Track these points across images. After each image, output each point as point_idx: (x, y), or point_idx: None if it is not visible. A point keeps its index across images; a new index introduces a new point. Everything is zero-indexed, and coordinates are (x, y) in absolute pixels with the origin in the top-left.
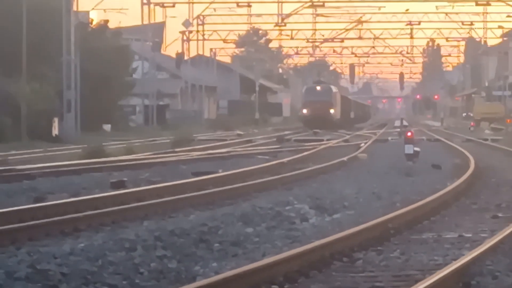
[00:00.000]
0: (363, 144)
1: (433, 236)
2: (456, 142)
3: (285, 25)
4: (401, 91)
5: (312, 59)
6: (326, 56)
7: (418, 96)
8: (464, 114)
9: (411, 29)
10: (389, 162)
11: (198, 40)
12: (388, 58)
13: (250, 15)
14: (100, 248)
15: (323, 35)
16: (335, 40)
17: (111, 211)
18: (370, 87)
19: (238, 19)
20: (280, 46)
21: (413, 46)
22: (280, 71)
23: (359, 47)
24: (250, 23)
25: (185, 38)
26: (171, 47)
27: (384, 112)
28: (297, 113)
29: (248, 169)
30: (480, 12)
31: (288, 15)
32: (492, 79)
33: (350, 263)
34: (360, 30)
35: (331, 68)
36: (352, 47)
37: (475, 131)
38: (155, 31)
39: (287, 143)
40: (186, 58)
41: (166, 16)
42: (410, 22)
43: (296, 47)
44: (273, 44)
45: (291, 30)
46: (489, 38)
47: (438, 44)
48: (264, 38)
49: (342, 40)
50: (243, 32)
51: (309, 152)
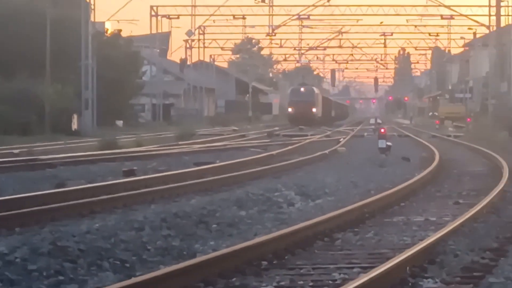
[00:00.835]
0: (342, 139)
1: (402, 219)
2: (423, 138)
3: (275, 35)
4: (375, 93)
5: (298, 64)
6: (311, 62)
7: (390, 98)
8: (430, 114)
9: (385, 39)
10: (365, 155)
11: (199, 47)
12: (364, 64)
13: (245, 26)
14: (113, 228)
15: (308, 44)
16: (319, 48)
17: (123, 196)
18: (349, 89)
19: (234, 30)
20: (271, 53)
21: (386, 54)
22: (270, 75)
23: (339, 54)
24: (245, 33)
25: (188, 46)
26: (176, 53)
27: (360, 111)
28: (285, 111)
29: (242, 160)
30: (445, 25)
31: (278, 26)
32: (455, 83)
33: (330, 242)
34: (340, 39)
35: (315, 72)
36: (333, 55)
37: (440, 129)
38: (162, 40)
39: (276, 137)
40: (188, 63)
41: (171, 27)
42: (384, 33)
43: (285, 54)
44: (264, 52)
45: (280, 39)
46: (452, 48)
47: (408, 53)
48: (256, 46)
49: (325, 48)
50: (239, 41)
51: (295, 145)
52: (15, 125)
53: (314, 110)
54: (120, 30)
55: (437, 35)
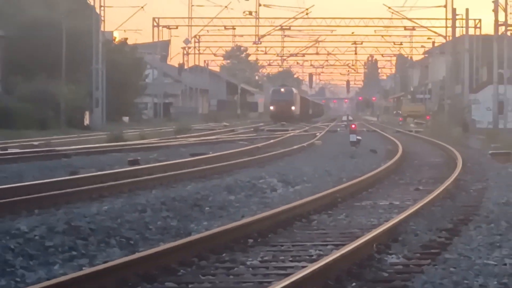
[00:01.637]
0: (318, 133)
1: (370, 203)
2: (389, 133)
3: (260, 43)
4: (347, 94)
5: (280, 69)
6: (291, 67)
7: (360, 98)
8: (394, 112)
9: (355, 47)
10: (338, 147)
11: (195, 53)
12: (338, 69)
13: (234, 35)
14: (119, 210)
15: (289, 51)
16: (298, 55)
17: (128, 182)
18: (324, 90)
19: (225, 38)
20: (257, 59)
21: (356, 60)
22: (256, 78)
23: (316, 60)
24: (234, 42)
25: (185, 52)
26: (175, 59)
27: (334, 110)
28: (268, 109)
29: (231, 151)
30: (408, 35)
31: (263, 36)
32: (416, 85)
33: (307, 223)
34: (317, 47)
35: (295, 76)
36: (311, 60)
37: (403, 125)
38: (162, 47)
39: (261, 132)
40: (185, 67)
41: (171, 36)
42: (355, 42)
43: (269, 60)
44: (251, 58)
45: (265, 47)
46: (414, 55)
47: (376, 59)
48: (244, 53)
49: (303, 55)
50: (229, 48)
51: (277, 139)
52: (34, 120)
53: (293, 108)
54: (126, 39)
55: (400, 44)
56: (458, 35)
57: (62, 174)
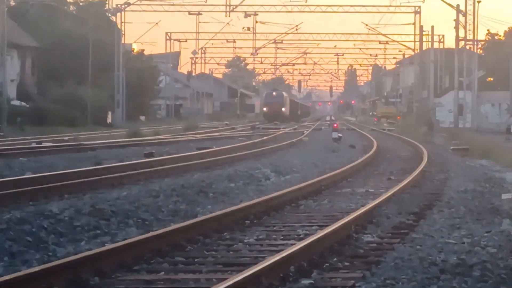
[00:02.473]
0: (305, 131)
1: (349, 190)
2: (365, 131)
3: (257, 54)
4: (330, 97)
5: (274, 76)
6: (283, 74)
7: (341, 101)
8: (370, 113)
9: (338, 58)
10: (322, 143)
11: (201, 63)
12: (322, 76)
13: (235, 48)
14: (136, 195)
15: (281, 61)
16: (289, 64)
17: (144, 172)
18: (311, 95)
19: (227, 50)
20: (254, 68)
21: (338, 69)
22: (253, 83)
23: (304, 69)
24: (235, 53)
25: (193, 62)
26: (184, 67)
27: (319, 111)
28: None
29: (232, 146)
30: (382, 48)
31: (259, 48)
32: (388, 91)
33: (296, 207)
34: (305, 58)
35: (286, 82)
36: (299, 69)
37: (377, 124)
38: (173, 57)
39: (257, 130)
40: (193, 74)
41: (181, 47)
42: (337, 53)
43: (264, 68)
44: (249, 66)
45: (261, 57)
46: (387, 65)
47: (355, 68)
48: (243, 63)
49: (293, 64)
50: (230, 58)
51: (270, 136)
52: (65, 119)
53: (283, 109)
54: (143, 50)
55: (376, 56)
56: (425, 48)
57: (88, 165)
